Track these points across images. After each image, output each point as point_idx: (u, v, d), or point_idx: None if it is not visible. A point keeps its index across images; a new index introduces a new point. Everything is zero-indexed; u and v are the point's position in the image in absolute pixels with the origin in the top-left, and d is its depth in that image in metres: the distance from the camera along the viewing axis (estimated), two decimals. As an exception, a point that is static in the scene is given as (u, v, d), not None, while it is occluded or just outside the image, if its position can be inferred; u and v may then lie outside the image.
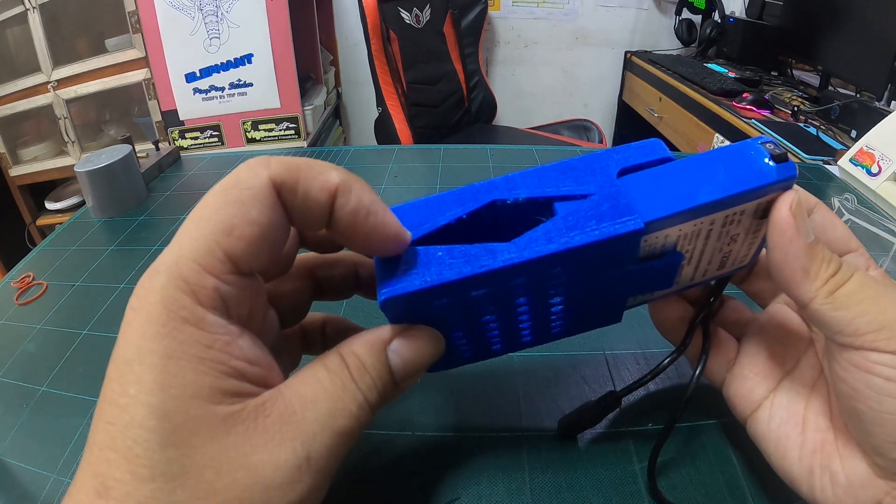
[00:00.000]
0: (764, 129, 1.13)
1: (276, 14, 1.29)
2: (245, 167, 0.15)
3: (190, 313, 0.14)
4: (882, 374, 0.16)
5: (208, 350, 0.14)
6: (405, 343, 0.18)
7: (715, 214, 0.18)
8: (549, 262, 0.17)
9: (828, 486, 0.18)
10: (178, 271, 0.14)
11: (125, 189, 0.50)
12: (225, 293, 0.14)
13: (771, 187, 0.17)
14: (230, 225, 0.14)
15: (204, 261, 0.14)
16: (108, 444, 0.13)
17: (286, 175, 0.15)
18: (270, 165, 0.15)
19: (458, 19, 1.71)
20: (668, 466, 0.24)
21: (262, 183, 0.15)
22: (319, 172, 0.16)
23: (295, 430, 0.15)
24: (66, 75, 1.37)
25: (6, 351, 0.33)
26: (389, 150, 0.61)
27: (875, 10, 1.10)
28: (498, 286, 0.18)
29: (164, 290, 0.14)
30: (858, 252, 0.20)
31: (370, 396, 0.17)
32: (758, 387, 0.21)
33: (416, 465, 0.24)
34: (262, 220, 0.15)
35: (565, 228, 0.17)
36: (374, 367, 0.17)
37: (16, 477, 0.25)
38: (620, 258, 0.18)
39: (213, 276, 0.14)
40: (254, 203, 0.15)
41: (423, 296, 0.17)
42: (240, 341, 0.15)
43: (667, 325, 0.24)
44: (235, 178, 0.15)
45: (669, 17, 1.91)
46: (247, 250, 0.15)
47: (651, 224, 0.17)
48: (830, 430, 0.19)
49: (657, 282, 0.20)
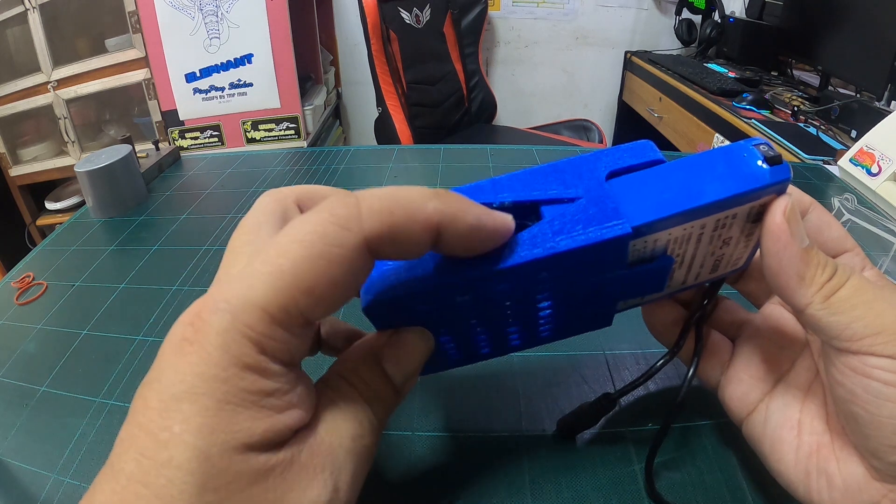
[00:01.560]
0: (764, 129, 1.13)
1: (276, 14, 1.29)
2: (335, 218, 0.14)
3: (253, 361, 0.13)
4: (879, 378, 0.16)
5: (267, 398, 0.14)
6: (397, 350, 0.18)
7: (706, 218, 0.17)
8: (534, 268, 0.17)
9: (824, 490, 0.18)
10: (246, 318, 0.13)
11: (125, 189, 0.50)
12: (291, 345, 0.14)
13: (764, 191, 0.17)
14: (313, 285, 0.14)
15: (277, 315, 0.13)
16: (139, 477, 0.12)
17: (382, 230, 0.14)
18: (363, 222, 0.14)
19: (458, 19, 1.71)
20: (668, 466, 0.24)
21: (355, 244, 0.14)
22: (416, 212, 0.14)
23: (324, 461, 0.15)
24: (66, 75, 1.37)
25: (6, 351, 0.33)
26: (389, 150, 0.61)
27: (875, 11, 1.10)
28: (482, 291, 0.18)
29: (227, 334, 0.13)
30: (854, 252, 0.20)
31: (378, 412, 0.17)
32: (753, 390, 0.21)
33: (416, 465, 0.24)
34: (347, 282, 0.14)
35: (551, 233, 0.17)
36: (374, 382, 0.17)
37: (16, 477, 0.25)
38: (608, 263, 0.18)
39: (283, 329, 0.14)
40: (341, 265, 0.14)
41: (406, 301, 0.17)
42: (298, 389, 0.15)
43: (658, 328, 0.23)
44: (323, 231, 0.14)
45: (669, 17, 1.91)
46: (324, 309, 0.14)
47: (639, 228, 0.16)
48: (826, 432, 0.19)
49: (648, 286, 0.20)
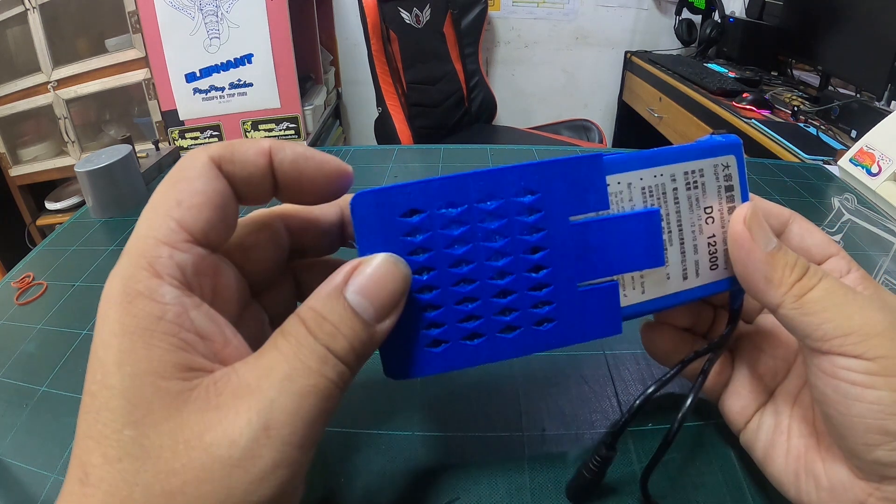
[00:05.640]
0: (764, 129, 1.13)
1: (276, 14, 1.29)
2: (186, 156, 0.16)
3: (145, 286, 0.14)
4: (847, 379, 0.16)
5: (158, 321, 0.14)
6: (362, 276, 0.16)
7: (672, 166, 0.20)
8: (516, 177, 0.18)
9: (812, 490, 0.18)
10: (137, 249, 0.14)
11: (125, 189, 0.50)
12: (181, 261, 0.15)
13: (717, 149, 0.20)
14: (178, 199, 0.15)
15: (159, 233, 0.15)
16: (85, 431, 0.13)
17: (222, 150, 0.16)
18: (209, 148, 0.16)
19: (458, 19, 1.71)
20: (668, 467, 0.24)
21: (202, 161, 0.16)
22: (252, 142, 0.17)
23: (250, 402, 0.13)
24: (66, 75, 1.37)
25: (6, 351, 0.33)
26: (389, 150, 0.61)
27: (875, 11, 1.10)
28: (468, 206, 0.18)
29: (124, 270, 0.14)
30: (839, 256, 0.20)
31: (335, 346, 0.15)
32: (751, 403, 0.22)
33: (416, 465, 0.24)
34: (207, 189, 0.15)
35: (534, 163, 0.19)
36: (333, 313, 0.15)
37: (16, 477, 0.25)
38: (591, 195, 0.19)
39: (167, 245, 0.14)
40: (197, 177, 0.15)
41: (394, 197, 0.18)
42: (193, 313, 0.14)
43: (660, 354, 0.24)
44: (179, 165, 0.16)
45: (669, 17, 1.91)
46: (198, 217, 0.15)
47: (610, 163, 0.19)
48: (813, 435, 0.19)
49: (643, 251, 0.19)
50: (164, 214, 0.15)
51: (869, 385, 0.16)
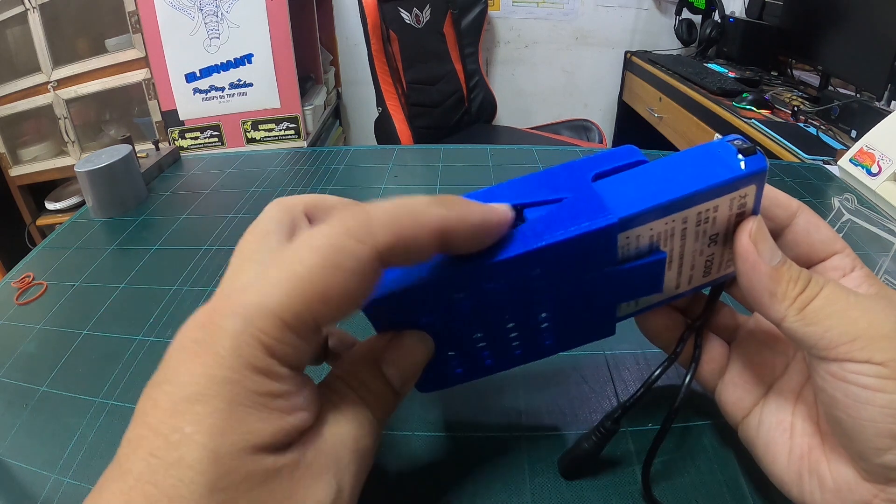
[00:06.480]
0: (764, 129, 1.13)
1: (276, 14, 1.29)
2: (349, 231, 0.14)
3: (263, 364, 0.14)
4: (857, 383, 0.16)
5: (276, 401, 0.14)
6: (396, 353, 0.18)
7: (686, 211, 0.18)
8: (524, 261, 0.17)
9: (816, 490, 0.18)
10: (260, 322, 0.14)
11: (125, 189, 0.50)
12: (300, 350, 0.15)
13: (741, 181, 0.17)
14: (327, 294, 0.14)
15: (290, 320, 0.14)
16: (148, 477, 0.13)
17: (392, 242, 0.15)
18: (376, 235, 0.15)
19: (458, 19, 1.71)
20: (668, 467, 0.24)
21: (368, 256, 0.14)
22: (423, 221, 0.15)
23: (328, 462, 0.15)
24: (66, 75, 1.37)
25: (6, 351, 0.33)
26: (389, 150, 0.61)
27: (875, 11, 1.10)
28: (477, 290, 0.18)
29: (239, 337, 0.13)
30: (844, 253, 0.20)
31: (377, 413, 0.17)
32: (748, 394, 0.22)
33: (416, 465, 0.24)
34: (359, 293, 0.15)
35: (541, 228, 0.17)
36: (372, 384, 0.18)
37: (16, 477, 0.25)
38: (599, 257, 0.18)
39: (294, 334, 0.14)
40: (355, 276, 0.14)
41: (403, 299, 0.18)
42: (305, 391, 0.15)
43: (652, 332, 0.24)
44: (339, 244, 0.14)
45: (669, 17, 1.91)
46: (334, 316, 0.15)
47: (625, 220, 0.17)
48: (817, 434, 0.19)
49: (643, 286, 0.20)
50: (305, 305, 0.14)
51: (879, 388, 0.16)
